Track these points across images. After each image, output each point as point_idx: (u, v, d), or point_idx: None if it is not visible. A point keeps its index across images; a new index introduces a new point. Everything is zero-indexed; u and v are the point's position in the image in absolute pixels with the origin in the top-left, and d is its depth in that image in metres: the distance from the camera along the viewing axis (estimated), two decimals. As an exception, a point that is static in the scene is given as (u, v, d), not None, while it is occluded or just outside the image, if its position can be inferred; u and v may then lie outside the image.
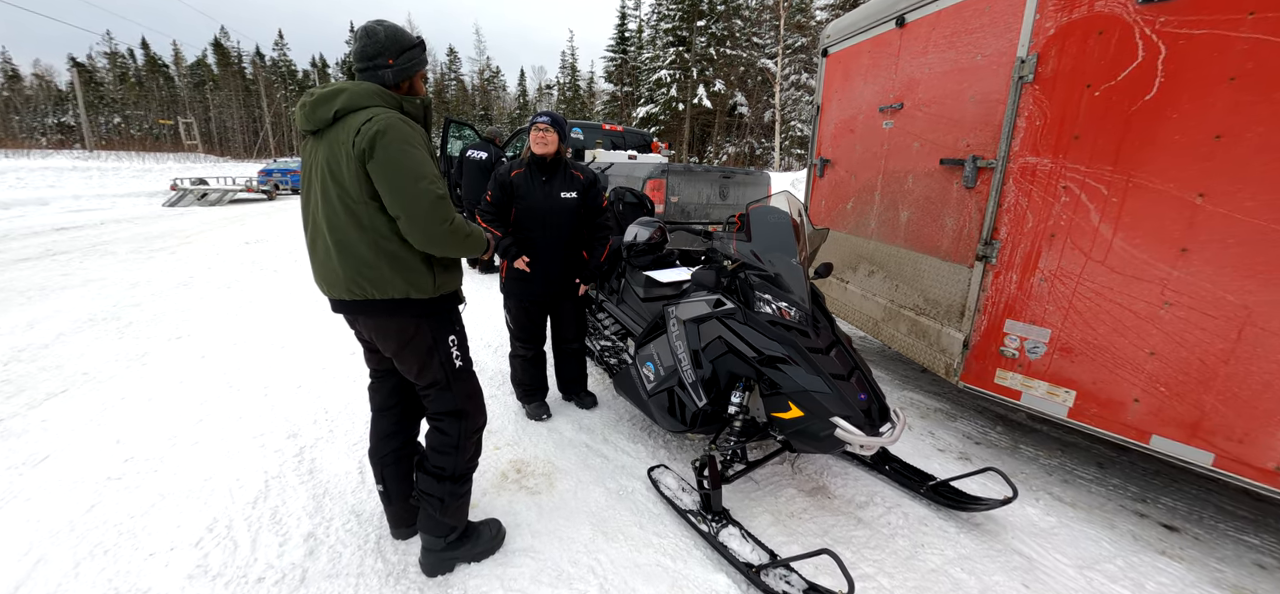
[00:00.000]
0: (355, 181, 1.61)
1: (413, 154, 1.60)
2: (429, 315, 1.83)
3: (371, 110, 1.61)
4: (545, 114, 2.87)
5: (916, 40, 3.25)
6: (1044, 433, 3.41)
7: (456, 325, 1.94)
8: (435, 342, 1.85)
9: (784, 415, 2.22)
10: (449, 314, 1.91)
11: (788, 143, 26.91)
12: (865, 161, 3.79)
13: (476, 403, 2.00)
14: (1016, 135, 2.59)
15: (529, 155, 2.88)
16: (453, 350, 1.90)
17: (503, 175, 2.88)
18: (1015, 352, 2.71)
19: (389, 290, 1.71)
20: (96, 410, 3.01)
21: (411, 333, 1.81)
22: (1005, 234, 2.68)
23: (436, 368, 1.87)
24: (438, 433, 1.94)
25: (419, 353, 1.84)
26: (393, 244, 1.68)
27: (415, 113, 1.75)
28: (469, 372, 1.97)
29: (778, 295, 2.39)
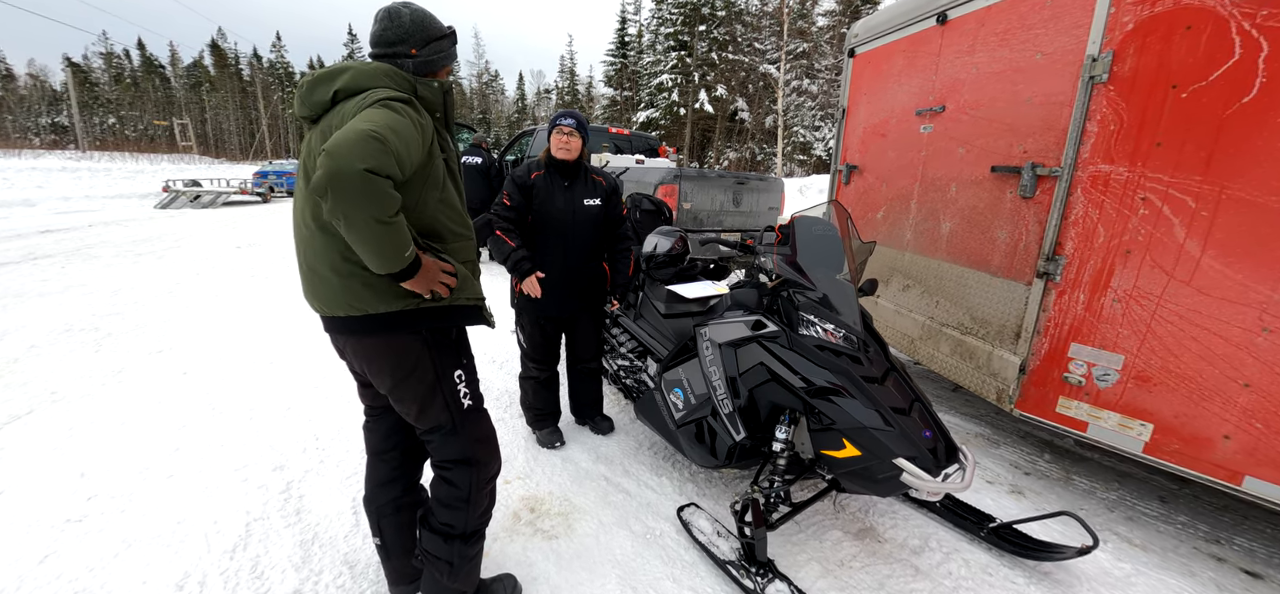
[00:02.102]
0: None
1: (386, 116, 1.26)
2: (435, 342, 1.53)
3: (376, 93, 1.35)
4: (568, 115, 2.59)
5: (961, 38, 3.01)
6: (1096, 462, 3.16)
7: (465, 355, 1.64)
8: (439, 376, 1.56)
9: (837, 453, 1.96)
10: (458, 338, 1.62)
11: (789, 149, 26.75)
12: (899, 168, 3.54)
13: (489, 448, 1.70)
14: (1086, 141, 2.34)
15: (547, 158, 2.61)
16: (459, 387, 1.60)
17: (521, 177, 2.59)
18: (1081, 379, 2.45)
19: (390, 303, 1.42)
20: (62, 436, 2.72)
21: (410, 364, 1.51)
22: (1071, 249, 2.43)
23: (439, 409, 1.57)
24: (444, 484, 1.65)
25: (418, 390, 1.54)
26: None
27: (432, 98, 1.49)
28: (480, 411, 1.68)
29: (825, 316, 2.13)
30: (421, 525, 1.73)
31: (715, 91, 29.06)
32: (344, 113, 1.33)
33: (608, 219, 2.74)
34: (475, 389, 1.67)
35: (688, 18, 29.66)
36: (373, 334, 1.46)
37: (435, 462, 1.66)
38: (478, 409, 1.67)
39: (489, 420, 1.72)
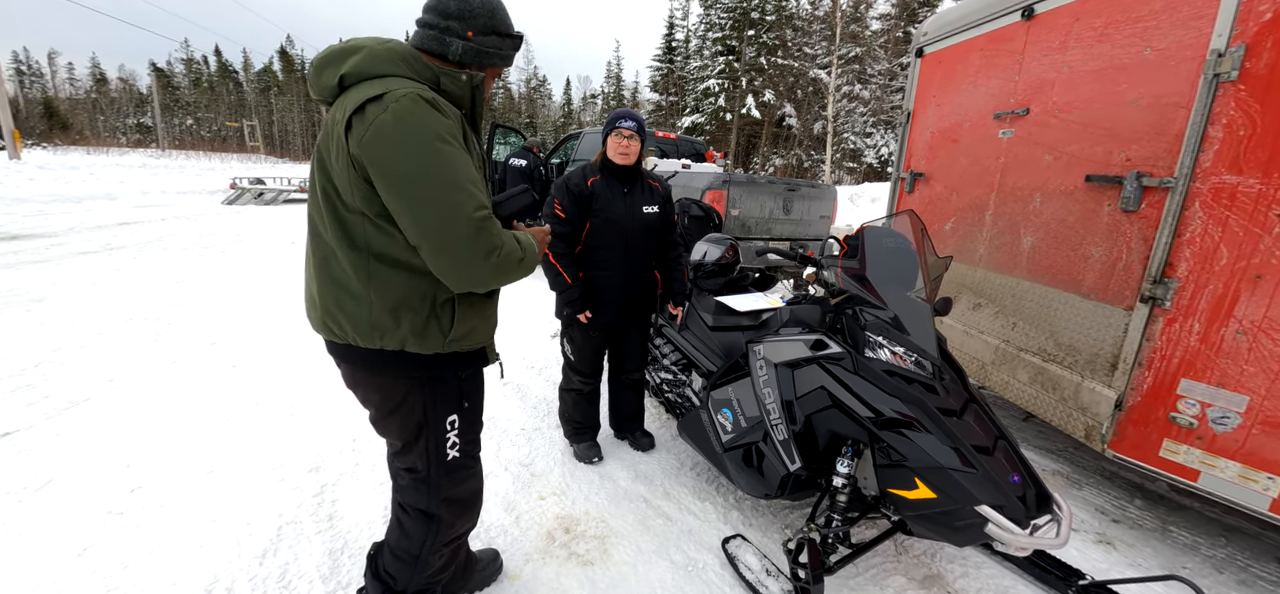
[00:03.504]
0: (347, 181, 1.16)
1: (440, 152, 1.12)
2: (430, 382, 1.36)
3: (387, 82, 1.16)
4: (628, 117, 2.41)
5: (1051, 34, 2.72)
6: (1198, 512, 2.78)
7: (466, 400, 1.45)
8: (427, 420, 1.39)
9: (908, 494, 1.74)
10: (460, 383, 1.42)
11: (839, 156, 25.99)
12: (972, 177, 3.25)
13: (461, 509, 1.53)
14: (1207, 148, 2.04)
15: (603, 162, 2.46)
16: (449, 435, 1.42)
17: (577, 184, 2.41)
18: (1193, 420, 2.14)
19: (377, 338, 1.25)
20: (114, 425, 2.77)
21: (398, 399, 1.36)
22: (1185, 271, 2.12)
23: (418, 455, 1.42)
24: (399, 529, 1.51)
25: (404, 427, 1.39)
26: (399, 276, 1.22)
27: (458, 92, 1.30)
28: (464, 467, 1.49)
29: (895, 338, 1.92)
30: (368, 562, 1.60)
31: (763, 96, 28.57)
32: (347, 102, 1.15)
33: (662, 226, 2.61)
34: (469, 440, 1.49)
35: (737, 22, 29.32)
36: (358, 366, 1.33)
37: (396, 499, 1.52)
38: (463, 464, 1.48)
39: (474, 478, 1.54)
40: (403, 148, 1.10)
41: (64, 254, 6.76)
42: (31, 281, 5.34)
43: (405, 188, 1.11)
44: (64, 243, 7.47)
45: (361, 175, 1.14)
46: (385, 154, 1.10)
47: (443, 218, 1.12)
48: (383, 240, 1.20)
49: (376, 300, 1.23)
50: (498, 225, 1.22)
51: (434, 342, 1.28)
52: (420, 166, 1.10)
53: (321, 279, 1.27)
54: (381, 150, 1.10)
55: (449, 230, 1.13)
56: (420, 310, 1.26)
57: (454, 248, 1.14)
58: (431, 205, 1.12)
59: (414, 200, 1.12)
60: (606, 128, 2.45)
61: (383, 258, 1.21)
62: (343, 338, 1.28)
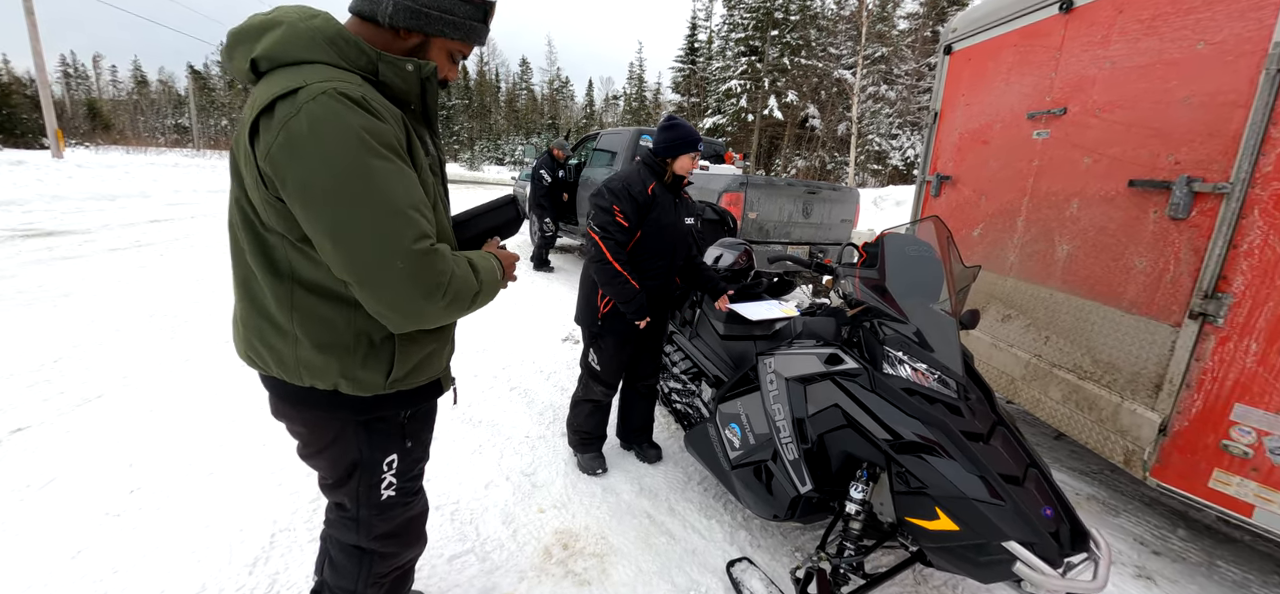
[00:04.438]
0: (259, 197, 0.96)
1: (370, 169, 0.90)
2: (368, 424, 1.18)
3: (304, 73, 0.93)
4: (701, 141, 2.40)
5: (1091, 28, 2.54)
6: (1249, 546, 2.57)
7: (409, 439, 1.27)
8: (362, 461, 1.21)
9: (928, 524, 1.61)
10: (403, 424, 1.24)
11: (863, 158, 25.50)
12: (1003, 180, 3.08)
13: (398, 541, 1.36)
14: (1269, 150, 1.86)
15: (671, 175, 2.42)
16: (385, 477, 1.24)
17: (639, 191, 2.32)
18: (1248, 449, 1.95)
19: (306, 376, 1.07)
20: (122, 423, 2.78)
21: (328, 438, 1.18)
22: (1241, 286, 1.94)
23: (348, 493, 1.25)
24: (329, 559, 1.37)
25: (334, 467, 1.23)
26: (330, 310, 1.03)
27: (402, 86, 1.04)
28: (400, 503, 1.31)
29: (917, 354, 1.78)
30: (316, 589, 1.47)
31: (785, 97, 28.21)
32: (256, 97, 0.94)
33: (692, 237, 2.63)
34: (408, 479, 1.31)
35: (760, 22, 29.00)
36: (284, 400, 1.16)
37: (326, 530, 1.38)
38: (399, 502, 1.30)
39: (411, 509, 1.35)
40: (320, 162, 0.88)
41: (95, 251, 6.94)
42: (61, 277, 5.48)
43: (324, 213, 0.90)
44: (96, 239, 7.68)
45: (274, 193, 0.93)
46: (298, 170, 0.89)
47: (374, 250, 0.92)
48: (308, 268, 1.00)
49: (303, 336, 1.04)
50: (445, 255, 1.01)
51: (373, 383, 1.09)
52: (343, 186, 0.89)
53: (243, 302, 1.10)
54: (293, 165, 0.89)
55: (383, 266, 0.93)
56: (355, 349, 1.06)
57: (389, 286, 0.94)
58: (359, 235, 0.91)
59: (336, 228, 0.91)
60: (680, 143, 2.35)
61: (310, 288, 1.02)
62: (267, 371, 1.12)
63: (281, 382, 1.11)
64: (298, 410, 1.16)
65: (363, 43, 1.01)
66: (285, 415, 1.19)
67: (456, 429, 2.95)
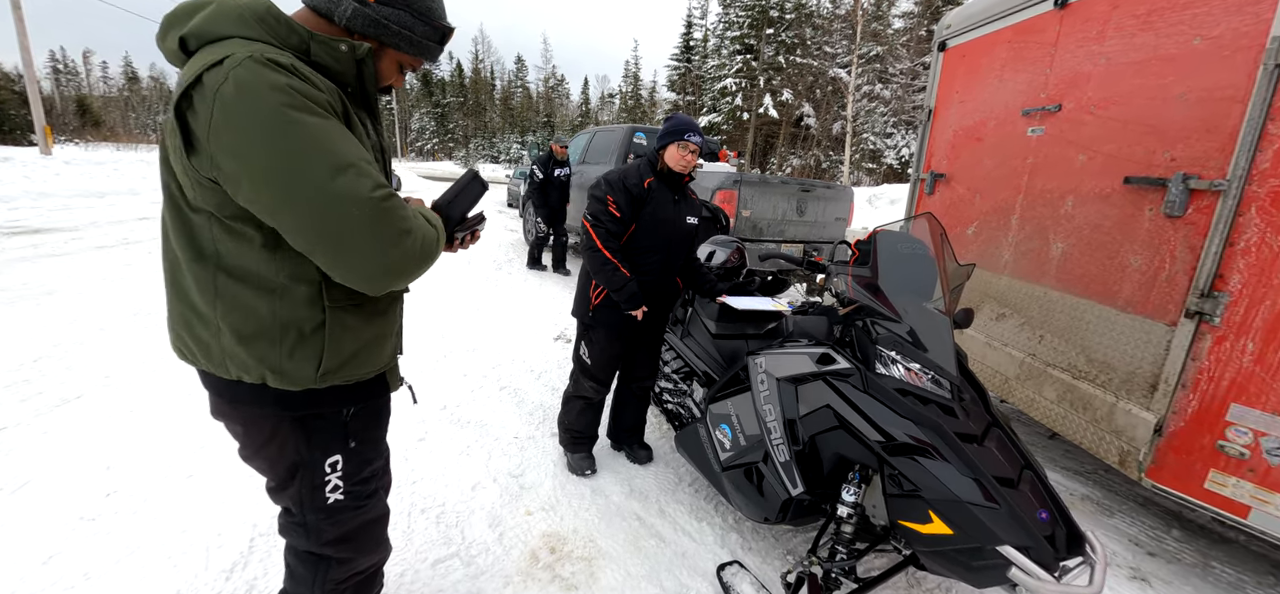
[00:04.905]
0: (186, 171, 0.91)
1: (302, 125, 0.88)
2: (304, 421, 1.13)
3: (231, 46, 0.90)
4: (694, 130, 2.30)
5: (1086, 23, 2.51)
6: (1244, 546, 2.55)
7: (354, 439, 1.20)
8: (302, 462, 1.16)
9: (921, 528, 1.57)
10: (346, 423, 1.17)
11: (858, 156, 25.52)
12: (998, 178, 3.05)
13: (354, 547, 1.29)
14: (1266, 147, 1.83)
15: (663, 168, 2.36)
16: (328, 478, 1.18)
17: (634, 183, 2.31)
18: (1244, 450, 1.93)
19: (232, 369, 1.02)
20: (101, 424, 2.71)
21: (264, 436, 1.13)
22: (1238, 284, 1.91)
23: (291, 496, 1.20)
24: (287, 565, 1.32)
25: (273, 468, 1.18)
26: (254, 296, 0.98)
27: (335, 66, 1.01)
28: (351, 508, 1.24)
29: (910, 354, 1.75)
30: None
31: (780, 96, 28.20)
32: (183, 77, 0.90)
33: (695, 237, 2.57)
34: (358, 481, 1.24)
35: (755, 21, 28.97)
36: (217, 396, 1.11)
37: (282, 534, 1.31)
38: (349, 506, 1.23)
39: (366, 513, 1.28)
40: (257, 128, 0.85)
41: (81, 248, 6.84)
42: (46, 275, 5.39)
43: (271, 180, 0.87)
44: (83, 237, 7.57)
45: (206, 175, 0.90)
46: (236, 141, 0.86)
47: (331, 206, 0.89)
48: (234, 248, 0.96)
49: (226, 325, 0.99)
50: (402, 203, 0.99)
51: (301, 376, 1.04)
52: (284, 148, 0.86)
53: (170, 292, 1.06)
54: (230, 137, 0.86)
55: (343, 221, 0.90)
56: (281, 340, 1.01)
57: (355, 241, 0.91)
58: (311, 194, 0.88)
59: (288, 192, 0.88)
60: (669, 134, 2.32)
61: (233, 272, 0.97)
62: (195, 364, 1.08)
63: (213, 376, 1.06)
64: (230, 407, 1.11)
65: (295, 22, 0.99)
66: (221, 413, 1.14)
67: (444, 430, 2.91)
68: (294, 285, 0.99)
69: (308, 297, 1.01)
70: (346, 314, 1.06)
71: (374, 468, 1.30)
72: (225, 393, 1.08)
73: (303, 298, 1.00)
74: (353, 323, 1.08)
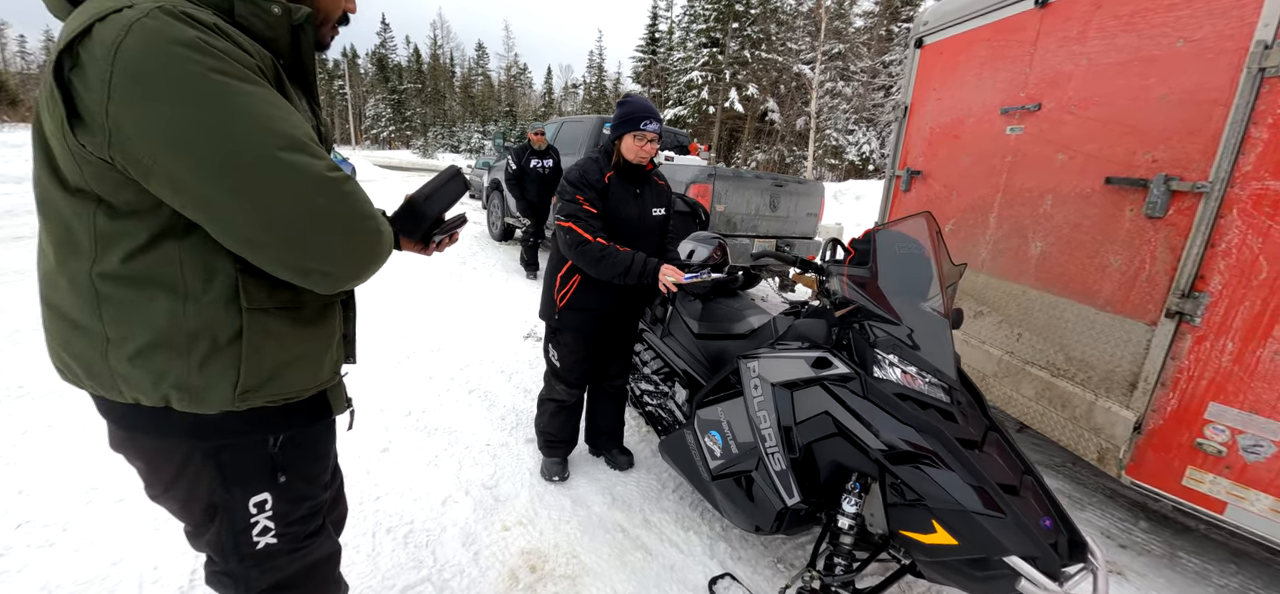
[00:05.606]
0: (67, 149, 0.73)
1: (235, 92, 0.72)
2: (218, 451, 0.93)
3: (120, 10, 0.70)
4: (651, 118, 2.10)
5: (1067, 22, 2.52)
6: (1204, 535, 2.64)
7: (283, 472, 1.00)
8: (219, 502, 0.96)
9: (924, 538, 1.52)
10: (272, 455, 0.98)
11: (821, 152, 25.98)
12: (975, 176, 3.06)
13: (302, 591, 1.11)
14: (1248, 150, 1.85)
15: (618, 160, 2.18)
16: (255, 520, 0.99)
17: (595, 178, 2.16)
18: (1221, 447, 1.96)
19: (125, 390, 0.84)
20: (13, 443, 2.40)
21: (171, 471, 0.94)
22: (1218, 285, 1.94)
23: (211, 543, 1.01)
24: None
25: (186, 508, 0.99)
26: (149, 299, 0.80)
27: (265, 31, 0.84)
28: (287, 551, 1.05)
29: (909, 357, 1.69)
30: None
31: (746, 91, 28.41)
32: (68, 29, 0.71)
33: (664, 227, 2.42)
34: (293, 522, 1.04)
35: (721, 14, 29.04)
36: (112, 422, 0.92)
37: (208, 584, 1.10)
38: (285, 549, 1.04)
39: (306, 555, 1.08)
40: (175, 95, 0.69)
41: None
42: (-51, 269, 4.84)
43: (207, 162, 0.71)
44: None
45: (96, 154, 0.72)
46: (152, 113, 0.69)
47: (288, 191, 0.75)
48: (123, 242, 0.77)
49: (113, 336, 0.80)
50: (359, 185, 0.85)
51: (216, 396, 0.85)
52: (215, 120, 0.70)
53: (43, 300, 0.88)
54: (139, 107, 0.68)
55: (304, 210, 0.76)
56: (188, 350, 0.82)
57: (320, 231, 0.78)
58: (260, 179, 0.73)
59: (230, 177, 0.72)
60: (623, 123, 2.12)
61: (120, 273, 0.78)
62: (82, 386, 0.87)
63: (106, 400, 0.87)
64: (128, 436, 0.91)
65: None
66: (119, 444, 0.94)
67: (409, 438, 2.71)
68: (203, 283, 0.82)
69: (221, 297, 0.83)
70: (271, 319, 0.88)
71: (315, 503, 1.09)
72: (122, 420, 0.89)
73: (215, 299, 0.83)
74: (279, 329, 0.89)
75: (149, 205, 0.77)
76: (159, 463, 0.94)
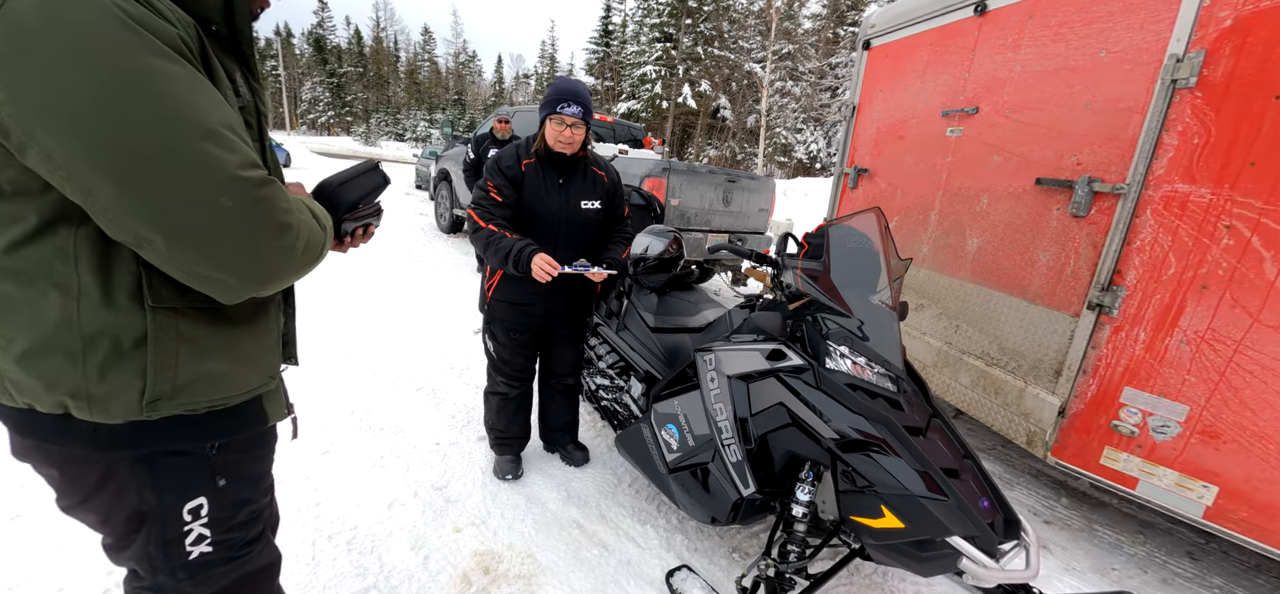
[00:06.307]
0: None
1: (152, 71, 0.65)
2: (146, 460, 0.84)
3: None
4: (572, 100, 1.97)
5: (1004, 31, 2.65)
6: (1115, 508, 2.87)
7: (223, 475, 0.92)
8: (148, 514, 0.87)
9: (873, 522, 1.57)
10: (210, 457, 0.90)
11: (771, 150, 26.60)
12: (918, 175, 3.19)
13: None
14: (1161, 155, 2.01)
15: (542, 147, 2.07)
16: (189, 527, 0.90)
17: (509, 165, 2.05)
18: (1134, 428, 2.13)
19: (15, 393, 0.76)
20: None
21: (90, 483, 0.84)
22: (1133, 279, 2.09)
23: (136, 555, 0.91)
24: None
25: (108, 521, 0.89)
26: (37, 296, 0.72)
27: None
28: (225, 560, 0.96)
29: (859, 348, 1.74)
30: None
31: (699, 87, 28.70)
32: None
33: (607, 221, 2.28)
34: (231, 528, 0.96)
35: (674, 10, 29.18)
36: (14, 431, 0.83)
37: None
38: (220, 559, 0.95)
39: (244, 564, 1.00)
40: (72, 62, 0.61)
41: None
42: None
43: (91, 136, 0.63)
44: None
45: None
46: (35, 80, 0.61)
47: (184, 183, 0.66)
48: (8, 226, 0.69)
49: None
50: (279, 188, 0.77)
51: (119, 404, 0.76)
52: (115, 95, 0.63)
53: None
54: (23, 72, 0.60)
55: (201, 207, 0.68)
56: (85, 355, 0.73)
57: (217, 233, 0.69)
58: (155, 164, 0.65)
59: (118, 158, 0.64)
60: (543, 106, 2.02)
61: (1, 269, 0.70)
62: None
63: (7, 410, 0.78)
64: (31, 444, 0.82)
65: None
66: (23, 452, 0.84)
67: (353, 438, 2.58)
68: (100, 279, 0.73)
69: (123, 294, 0.74)
70: (183, 320, 0.79)
71: (256, 508, 1.01)
72: (20, 426, 0.80)
73: (115, 297, 0.74)
74: (194, 332, 0.81)
75: (38, 187, 0.67)
76: (74, 473, 0.84)
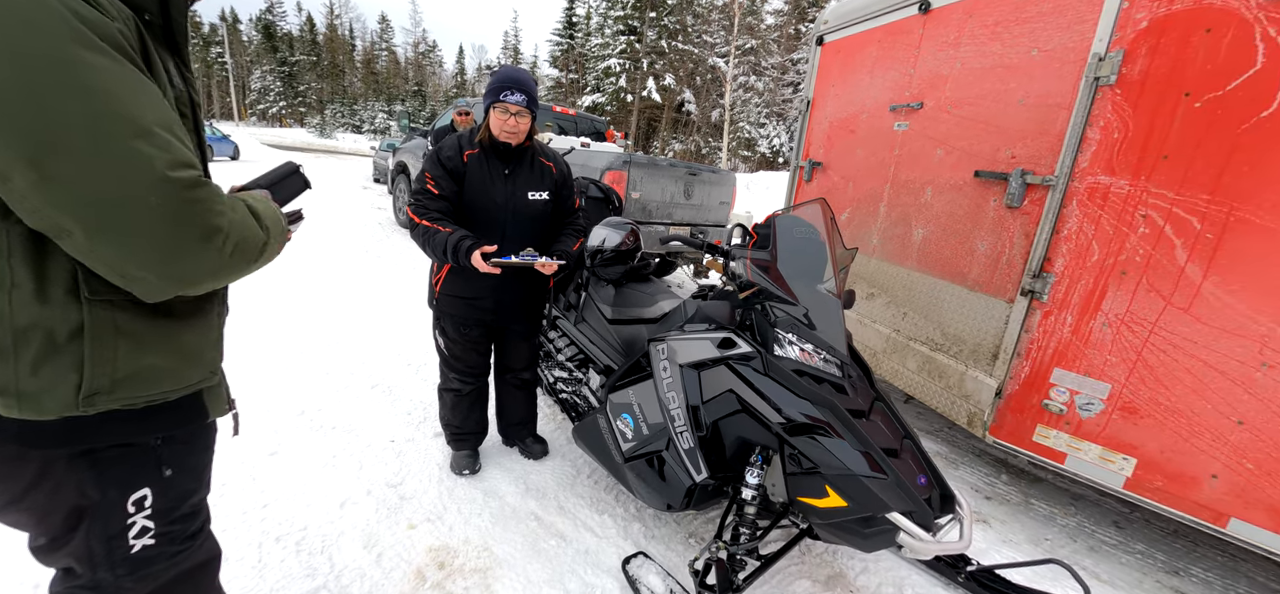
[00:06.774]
0: None
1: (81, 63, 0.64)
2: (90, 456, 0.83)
3: None
4: (514, 87, 1.93)
5: (946, 29, 2.76)
6: (1050, 483, 3.05)
7: (169, 465, 0.92)
8: (89, 508, 0.86)
9: (819, 502, 1.63)
10: (156, 449, 0.90)
11: (735, 144, 26.90)
12: (868, 168, 3.29)
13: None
14: (1085, 149, 2.13)
15: (486, 137, 2.03)
16: (133, 520, 0.89)
17: (450, 157, 1.99)
18: (1063, 407, 2.26)
19: None
20: None
21: (24, 480, 0.82)
22: (1061, 267, 2.22)
23: (76, 551, 0.88)
24: None
25: (45, 520, 0.87)
26: None
27: None
28: (169, 554, 0.95)
29: (805, 335, 1.80)
30: None
31: (663, 80, 28.74)
32: None
33: (556, 212, 2.26)
34: (175, 520, 0.95)
35: (638, 3, 29.11)
36: None
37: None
38: (165, 553, 0.94)
39: (187, 558, 0.99)
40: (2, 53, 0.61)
41: None
42: None
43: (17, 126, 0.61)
44: None
45: None
46: None
47: (112, 179, 0.65)
48: None
49: None
50: (217, 188, 0.77)
51: (54, 400, 0.75)
52: (45, 87, 0.62)
53: None
54: None
55: (126, 203, 0.66)
56: (16, 351, 0.72)
57: (142, 232, 0.68)
58: (82, 158, 0.64)
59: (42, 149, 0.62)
60: (488, 94, 1.98)
61: None
62: None
63: None
64: None
65: None
66: None
67: (302, 438, 2.51)
68: (33, 271, 0.71)
69: (58, 288, 0.73)
70: (120, 313, 0.78)
71: (197, 500, 1.01)
72: None
73: (49, 291, 0.72)
74: (133, 325, 0.80)
75: None
76: (8, 472, 0.81)
